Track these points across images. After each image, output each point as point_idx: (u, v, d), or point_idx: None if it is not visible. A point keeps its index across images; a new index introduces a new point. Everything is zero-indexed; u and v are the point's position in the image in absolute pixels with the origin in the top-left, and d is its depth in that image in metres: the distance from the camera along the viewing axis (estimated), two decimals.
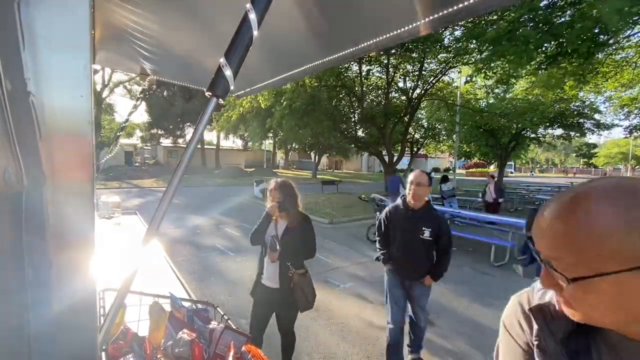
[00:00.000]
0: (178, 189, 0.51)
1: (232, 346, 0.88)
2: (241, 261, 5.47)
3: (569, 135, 21.08)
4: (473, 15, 1.00)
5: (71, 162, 0.41)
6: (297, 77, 1.80)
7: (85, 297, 0.45)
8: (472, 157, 28.23)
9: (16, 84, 0.36)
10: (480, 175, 45.10)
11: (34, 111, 0.38)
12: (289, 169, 42.35)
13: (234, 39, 0.50)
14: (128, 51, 1.84)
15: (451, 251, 2.68)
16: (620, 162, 53.82)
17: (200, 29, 1.34)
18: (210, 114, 0.53)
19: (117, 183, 18.25)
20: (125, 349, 0.88)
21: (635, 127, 17.23)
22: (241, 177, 24.45)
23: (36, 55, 0.38)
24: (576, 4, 7.41)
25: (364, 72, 14.15)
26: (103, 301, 1.12)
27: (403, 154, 15.87)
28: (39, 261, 0.40)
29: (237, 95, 2.48)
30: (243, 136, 34.17)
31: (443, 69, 13.59)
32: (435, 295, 4.37)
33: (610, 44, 8.80)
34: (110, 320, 0.55)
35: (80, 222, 0.43)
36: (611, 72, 11.64)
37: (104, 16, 1.34)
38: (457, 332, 3.44)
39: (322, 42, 1.37)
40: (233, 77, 0.50)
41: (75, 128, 0.41)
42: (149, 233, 0.53)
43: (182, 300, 1.13)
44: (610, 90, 14.65)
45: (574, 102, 16.53)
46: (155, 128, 32.74)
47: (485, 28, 8.59)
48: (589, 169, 65.93)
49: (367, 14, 1.06)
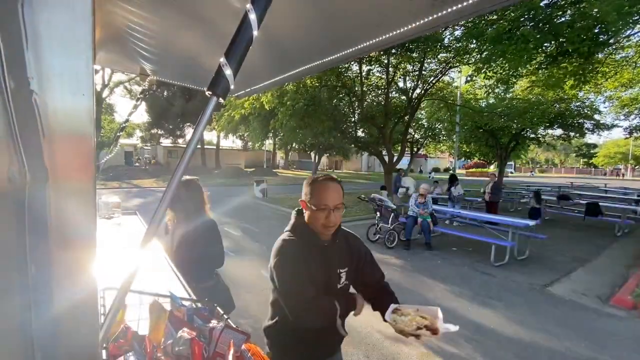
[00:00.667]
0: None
1: (232, 344, 0.89)
2: (241, 261, 5.48)
3: (568, 135, 21.08)
4: (473, 15, 1.01)
5: (73, 161, 0.42)
6: (297, 77, 1.80)
7: (87, 296, 0.46)
8: (472, 157, 28.23)
9: (19, 83, 0.37)
10: (480, 175, 45.10)
11: (37, 110, 0.38)
12: (289, 169, 42.38)
13: (234, 38, 0.50)
14: (128, 51, 1.84)
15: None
16: (620, 162, 53.87)
17: (200, 29, 1.34)
18: (210, 113, 0.53)
19: (117, 183, 18.27)
20: (125, 348, 0.88)
21: (635, 127, 17.22)
22: (241, 177, 24.45)
23: (39, 54, 0.38)
24: (576, 3, 7.41)
25: (364, 72, 14.15)
26: (103, 300, 1.13)
27: (403, 154, 15.86)
28: (42, 259, 0.40)
29: (237, 96, 2.48)
30: (243, 136, 34.16)
31: (443, 68, 13.60)
32: (435, 295, 4.38)
33: (611, 43, 8.80)
34: (111, 319, 0.55)
35: (82, 220, 0.43)
36: (611, 71, 11.63)
37: (104, 16, 1.35)
38: (457, 332, 3.44)
39: (322, 42, 1.38)
40: (233, 76, 0.50)
41: (77, 127, 0.41)
42: (149, 233, 0.53)
43: (182, 300, 1.14)
44: (610, 90, 14.66)
45: (573, 102, 16.52)
46: (155, 128, 32.74)
47: (485, 28, 8.59)
48: (588, 169, 65.97)
49: (367, 14, 1.07)
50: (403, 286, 4.64)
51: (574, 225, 9.61)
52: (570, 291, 4.63)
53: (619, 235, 8.41)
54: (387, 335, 3.28)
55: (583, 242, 7.63)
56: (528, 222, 5.84)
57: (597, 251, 6.84)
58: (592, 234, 8.67)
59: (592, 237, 8.28)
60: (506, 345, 3.22)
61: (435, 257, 6.09)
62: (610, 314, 3.98)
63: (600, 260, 6.30)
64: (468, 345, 3.19)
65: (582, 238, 8.12)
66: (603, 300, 4.35)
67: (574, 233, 8.70)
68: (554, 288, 4.73)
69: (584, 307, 4.14)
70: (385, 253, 6.23)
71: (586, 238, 8.13)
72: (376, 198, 7.21)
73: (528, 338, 3.37)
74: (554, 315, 3.88)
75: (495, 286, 4.74)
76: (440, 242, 7.07)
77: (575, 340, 3.34)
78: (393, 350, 3.10)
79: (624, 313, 4.00)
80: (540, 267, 5.71)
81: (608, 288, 4.77)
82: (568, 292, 4.58)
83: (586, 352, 3.15)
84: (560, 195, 12.14)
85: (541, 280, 5.01)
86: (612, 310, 4.08)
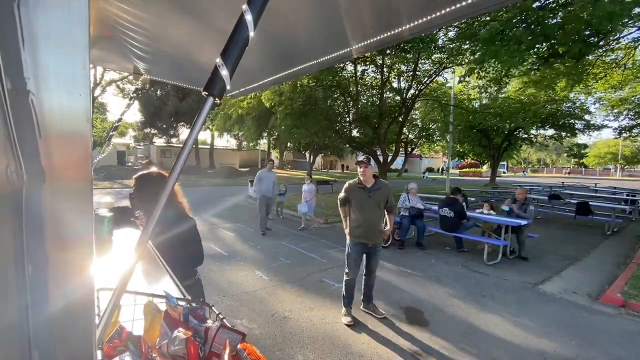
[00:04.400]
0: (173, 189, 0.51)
1: (228, 344, 0.89)
2: (235, 261, 5.46)
3: (560, 135, 21.41)
4: (468, 16, 1.02)
5: (70, 161, 0.42)
6: (292, 77, 1.81)
7: (83, 296, 0.46)
8: (466, 157, 28.52)
9: (16, 83, 0.37)
10: (473, 175, 45.51)
11: (34, 110, 0.38)
12: (284, 168, 42.27)
13: (230, 39, 0.51)
14: (121, 50, 1.83)
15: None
16: (610, 162, 54.81)
17: (195, 28, 1.34)
18: (207, 113, 0.53)
19: (109, 183, 18.05)
20: (120, 348, 0.88)
21: (624, 128, 17.55)
22: (235, 176, 24.36)
23: (35, 55, 0.38)
24: (567, 5, 7.52)
25: (359, 73, 14.19)
26: (98, 300, 1.12)
27: (397, 154, 15.94)
28: (39, 259, 0.40)
29: (232, 95, 2.48)
30: (237, 135, 34.01)
31: (437, 69, 13.70)
32: (429, 294, 4.41)
33: (601, 45, 8.95)
34: (107, 319, 0.55)
35: (79, 220, 0.43)
36: (601, 73, 11.84)
37: (97, 14, 1.34)
38: (451, 330, 3.48)
39: (318, 42, 1.38)
40: (229, 77, 0.51)
41: (74, 126, 0.42)
42: (144, 234, 0.53)
43: (177, 300, 1.14)
44: (600, 91, 14.91)
45: (565, 103, 16.78)
46: (149, 127, 32.42)
47: (478, 29, 8.68)
48: (579, 169, 66.99)
49: (362, 14, 1.08)
50: (397, 285, 4.67)
51: (565, 225, 9.75)
52: (561, 289, 4.70)
53: (609, 234, 8.56)
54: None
55: (574, 241, 7.75)
56: (520, 222, 5.92)
57: (587, 250, 6.95)
58: (583, 232, 8.81)
59: (583, 235, 8.42)
60: (498, 343, 3.26)
61: (429, 257, 6.13)
62: (600, 311, 4.06)
63: (591, 258, 6.41)
64: (461, 343, 3.22)
65: (572, 237, 8.24)
66: (593, 298, 4.43)
67: (565, 232, 8.83)
68: (545, 286, 4.80)
69: (574, 305, 4.21)
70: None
71: (577, 237, 8.26)
72: None
73: (520, 335, 3.42)
74: (545, 313, 3.94)
75: (488, 285, 4.79)
76: (433, 242, 7.13)
77: (565, 337, 3.40)
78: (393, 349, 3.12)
79: (613, 310, 4.08)
80: (532, 265, 5.79)
81: (598, 286, 4.86)
82: (559, 290, 4.66)
83: (576, 348, 3.20)
84: (551, 194, 12.31)
85: (533, 278, 5.08)
86: (601, 307, 4.16)
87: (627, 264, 5.87)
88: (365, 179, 3.54)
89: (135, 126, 35.76)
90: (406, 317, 3.73)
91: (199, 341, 0.91)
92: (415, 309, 3.94)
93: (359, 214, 3.50)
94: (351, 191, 3.60)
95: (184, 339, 0.86)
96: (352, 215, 3.57)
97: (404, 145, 19.82)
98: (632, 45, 10.69)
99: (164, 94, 30.45)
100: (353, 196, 3.57)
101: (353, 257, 3.59)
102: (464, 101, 17.65)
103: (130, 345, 0.89)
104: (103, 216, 1.83)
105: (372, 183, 3.54)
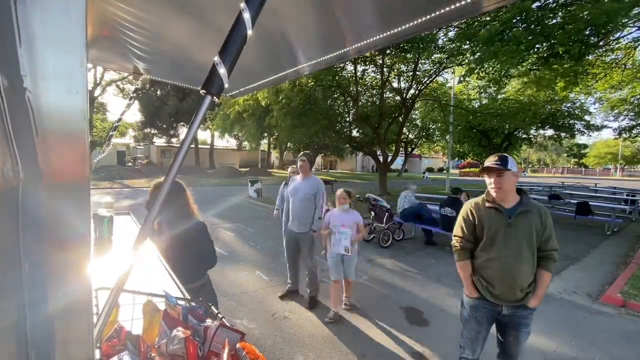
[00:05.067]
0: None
1: (227, 343, 0.89)
2: (235, 262, 5.45)
3: (559, 136, 21.39)
4: (468, 16, 1.02)
5: (67, 160, 0.42)
6: (291, 76, 1.81)
7: (81, 295, 0.46)
8: (466, 157, 28.51)
9: (13, 81, 0.37)
10: (474, 175, 45.46)
11: (30, 108, 0.38)
12: (284, 168, 42.26)
13: (228, 38, 0.51)
14: (121, 50, 1.83)
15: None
16: (609, 162, 54.81)
17: (195, 28, 1.34)
18: (204, 112, 0.53)
19: (109, 183, 18.05)
20: (119, 347, 0.88)
21: (624, 128, 17.54)
22: (235, 177, 24.35)
23: (32, 52, 0.38)
24: (567, 5, 7.52)
25: (359, 72, 14.19)
26: (96, 300, 1.12)
27: (397, 154, 15.95)
28: (36, 258, 0.40)
29: (232, 95, 2.48)
30: (237, 136, 34.02)
31: (437, 69, 13.71)
32: (429, 294, 4.41)
33: (601, 45, 8.94)
34: (105, 318, 0.55)
35: (76, 219, 0.43)
36: (601, 73, 11.83)
37: (96, 14, 1.33)
38: (451, 330, 3.47)
39: (317, 42, 1.38)
40: (227, 75, 0.51)
41: (71, 125, 0.41)
42: (142, 233, 0.53)
43: (177, 299, 1.13)
44: (600, 91, 14.90)
45: (564, 103, 16.77)
46: (149, 127, 32.42)
47: (478, 29, 8.68)
48: (579, 169, 66.99)
49: (362, 14, 1.07)
50: (397, 285, 4.67)
51: (565, 225, 9.75)
52: (561, 289, 4.70)
53: (609, 234, 8.56)
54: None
55: (574, 241, 7.74)
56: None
57: (587, 250, 6.95)
58: (583, 232, 8.81)
59: (583, 235, 8.42)
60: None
61: (429, 256, 6.13)
62: (600, 311, 4.05)
63: (591, 258, 6.41)
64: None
65: (572, 237, 8.24)
66: (593, 298, 4.42)
67: (565, 232, 8.82)
68: None
69: (574, 305, 4.21)
70: (379, 252, 6.25)
71: (577, 237, 8.25)
72: (370, 198, 7.26)
73: None
74: (545, 313, 3.93)
75: None
76: (433, 242, 7.12)
77: (565, 337, 3.39)
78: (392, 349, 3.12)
79: (613, 310, 4.07)
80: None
81: (598, 286, 4.86)
82: (559, 290, 4.65)
83: (576, 348, 3.20)
84: (551, 194, 12.30)
85: None
86: (601, 307, 4.15)
87: (627, 264, 5.87)
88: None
89: (135, 126, 35.78)
90: (406, 317, 3.73)
91: (198, 340, 0.91)
92: (415, 309, 3.94)
93: (492, 252, 2.12)
94: (483, 216, 2.12)
95: (183, 338, 0.86)
96: (480, 256, 2.21)
97: (403, 145, 19.82)
98: (632, 45, 10.70)
99: (164, 93, 30.45)
100: (485, 222, 2.11)
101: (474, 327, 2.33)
102: (464, 101, 17.65)
103: (129, 345, 0.89)
104: (103, 216, 1.84)
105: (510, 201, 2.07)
